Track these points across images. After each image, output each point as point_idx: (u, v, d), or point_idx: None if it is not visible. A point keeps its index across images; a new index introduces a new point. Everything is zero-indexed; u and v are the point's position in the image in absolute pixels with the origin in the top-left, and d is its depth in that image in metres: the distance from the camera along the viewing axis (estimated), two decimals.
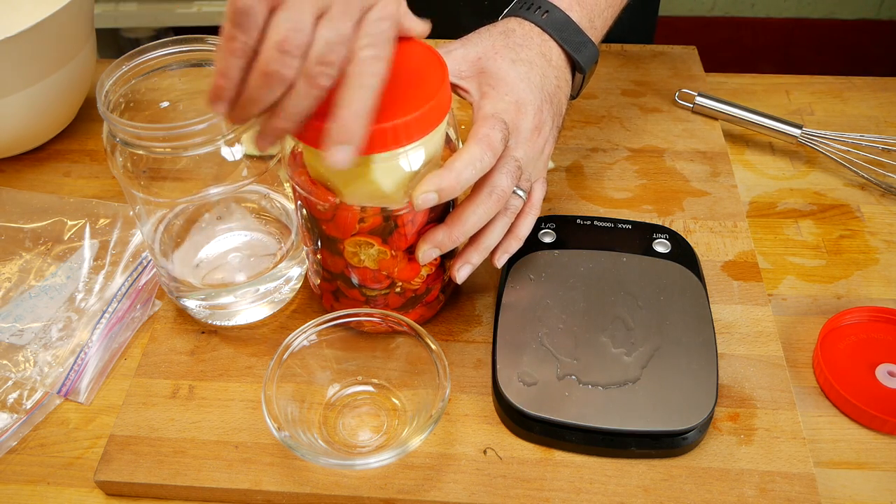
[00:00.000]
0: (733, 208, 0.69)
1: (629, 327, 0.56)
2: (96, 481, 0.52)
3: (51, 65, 0.71)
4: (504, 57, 0.55)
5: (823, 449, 0.54)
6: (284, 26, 0.41)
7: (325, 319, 0.54)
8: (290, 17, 0.41)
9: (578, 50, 0.58)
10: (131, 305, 0.62)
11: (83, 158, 0.78)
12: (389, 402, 0.55)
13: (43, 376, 0.58)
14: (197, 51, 0.55)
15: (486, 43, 0.57)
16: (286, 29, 0.41)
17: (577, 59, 0.58)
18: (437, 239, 0.52)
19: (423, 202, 0.48)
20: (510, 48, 0.56)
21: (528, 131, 0.54)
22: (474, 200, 0.51)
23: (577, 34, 0.58)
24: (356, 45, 0.43)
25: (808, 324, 0.61)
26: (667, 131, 0.77)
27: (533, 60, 0.56)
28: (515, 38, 0.57)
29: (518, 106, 0.54)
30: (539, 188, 0.58)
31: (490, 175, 0.51)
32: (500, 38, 0.57)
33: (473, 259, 0.55)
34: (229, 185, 0.54)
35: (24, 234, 0.68)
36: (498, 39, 0.57)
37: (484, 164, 0.49)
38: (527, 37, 0.57)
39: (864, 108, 0.81)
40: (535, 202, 0.57)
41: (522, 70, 0.55)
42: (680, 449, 0.51)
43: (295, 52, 0.42)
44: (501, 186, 0.51)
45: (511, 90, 0.54)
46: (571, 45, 0.58)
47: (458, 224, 0.51)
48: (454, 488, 0.51)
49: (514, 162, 0.52)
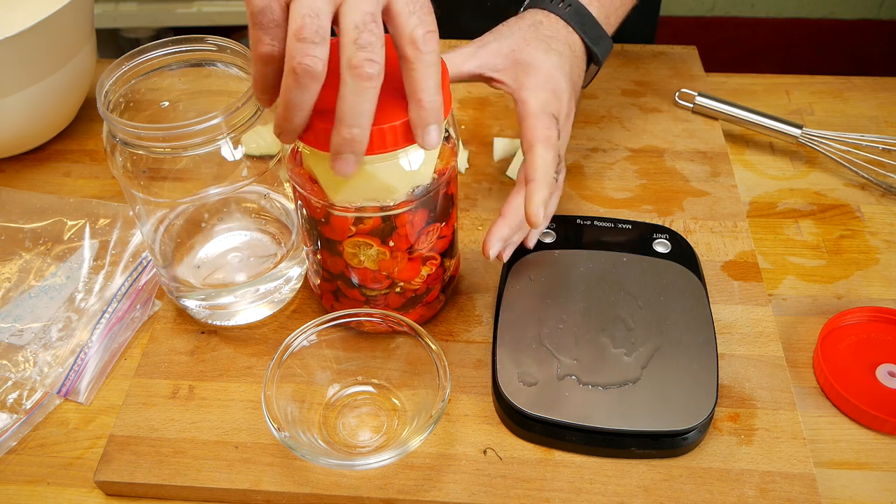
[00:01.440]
0: (733, 208, 0.69)
1: (629, 327, 0.56)
2: (96, 481, 0.52)
3: (51, 65, 0.71)
4: (537, 48, 0.58)
5: (824, 449, 0.54)
6: (300, 14, 0.40)
7: (325, 319, 0.54)
8: (304, 4, 0.41)
9: (597, 43, 0.61)
10: (131, 305, 0.62)
11: (83, 158, 0.78)
12: (389, 403, 0.55)
13: (43, 376, 0.58)
14: (197, 51, 0.55)
15: (517, 35, 0.59)
16: (301, 16, 0.40)
17: (595, 52, 0.61)
18: (503, 233, 0.55)
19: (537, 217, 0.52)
20: (541, 40, 0.58)
21: (563, 117, 0.57)
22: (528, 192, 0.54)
23: (596, 28, 0.61)
24: (407, 28, 0.43)
25: (809, 324, 0.61)
26: (667, 131, 0.77)
27: (562, 51, 0.59)
28: (544, 30, 0.59)
29: (556, 95, 0.56)
30: (563, 171, 0.60)
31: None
32: (531, 30, 0.59)
33: (515, 239, 0.57)
34: (229, 185, 0.54)
35: (23, 234, 0.68)
36: (528, 31, 0.59)
37: (555, 162, 0.54)
38: (554, 28, 0.60)
39: (864, 108, 0.81)
40: (560, 184, 0.60)
41: (555, 60, 0.57)
42: (680, 449, 0.51)
43: (314, 38, 0.40)
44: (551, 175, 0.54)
45: (548, 80, 0.56)
46: (591, 38, 0.61)
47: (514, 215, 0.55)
48: (454, 488, 0.51)
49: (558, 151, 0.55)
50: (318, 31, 0.41)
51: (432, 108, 0.45)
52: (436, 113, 0.45)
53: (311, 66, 0.41)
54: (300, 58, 0.41)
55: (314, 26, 0.40)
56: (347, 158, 0.44)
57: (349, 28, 0.41)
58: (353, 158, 0.44)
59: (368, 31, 0.41)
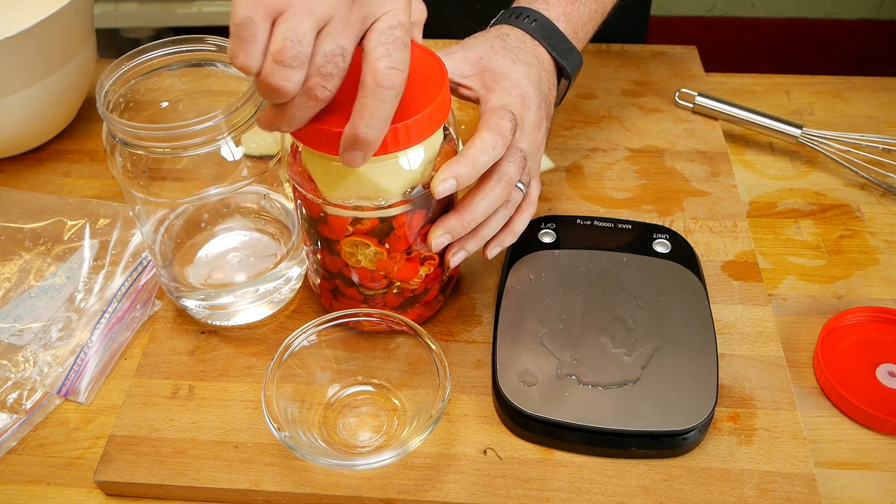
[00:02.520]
0: (733, 208, 0.69)
1: (629, 327, 0.56)
2: (96, 481, 0.52)
3: (51, 65, 0.71)
4: (504, 56, 0.57)
5: (824, 449, 0.54)
6: (282, 37, 0.41)
7: (325, 319, 0.54)
8: (289, 28, 0.41)
9: (566, 57, 0.61)
10: (131, 305, 0.62)
11: (83, 158, 0.78)
12: (389, 403, 0.55)
13: (43, 376, 0.58)
14: (197, 51, 0.55)
15: (484, 45, 0.59)
16: (283, 39, 0.41)
17: (564, 66, 0.61)
18: (448, 225, 0.52)
19: (444, 189, 0.49)
20: (508, 49, 0.58)
21: (531, 125, 0.56)
22: (484, 187, 0.52)
23: (564, 42, 0.61)
24: (372, 56, 0.43)
25: (809, 324, 0.61)
26: (667, 131, 0.77)
27: (530, 62, 0.58)
28: (511, 42, 0.59)
29: (523, 100, 0.55)
30: (535, 185, 0.59)
31: (498, 163, 0.52)
32: (497, 41, 0.59)
33: (469, 246, 0.55)
34: (229, 185, 0.54)
35: (23, 234, 0.68)
36: (495, 42, 0.59)
37: (497, 151, 0.51)
38: (520, 41, 0.59)
39: (864, 108, 0.81)
40: (532, 199, 0.58)
41: (522, 69, 0.57)
42: (680, 449, 0.51)
43: (292, 62, 0.41)
44: (509, 174, 0.52)
45: (515, 85, 0.56)
46: (559, 52, 0.60)
47: (468, 210, 0.52)
48: (454, 488, 0.51)
49: (520, 152, 0.54)
50: (297, 57, 0.41)
51: (365, 138, 0.44)
52: (366, 144, 0.44)
53: (284, 88, 0.42)
54: (274, 80, 0.42)
55: (294, 51, 0.41)
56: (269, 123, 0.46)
57: (318, 55, 0.42)
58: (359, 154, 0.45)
59: (333, 63, 0.43)
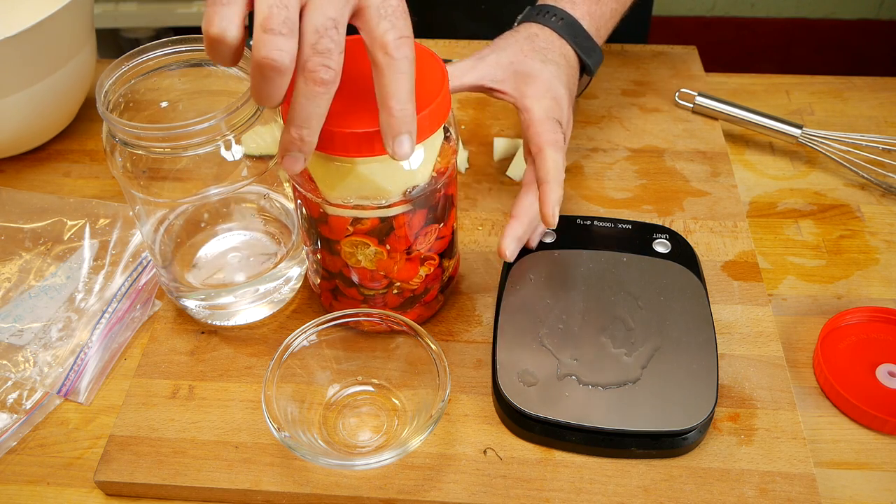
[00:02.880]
0: (733, 208, 0.69)
1: (629, 327, 0.56)
2: (96, 481, 0.52)
3: (51, 65, 0.71)
4: (534, 59, 0.61)
5: (824, 449, 0.54)
6: (267, 3, 0.38)
7: (325, 319, 0.54)
8: None
9: (589, 54, 0.64)
10: (131, 305, 0.62)
11: (83, 158, 0.78)
12: (389, 403, 0.55)
13: (43, 376, 0.58)
14: (197, 51, 0.55)
15: (514, 47, 0.62)
16: (268, 6, 0.38)
17: (587, 63, 0.64)
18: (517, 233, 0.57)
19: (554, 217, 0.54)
20: (537, 51, 0.62)
21: (565, 124, 0.60)
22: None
23: (588, 40, 0.64)
24: (377, 32, 0.41)
25: (809, 324, 0.61)
26: (667, 131, 0.77)
27: (558, 62, 0.62)
28: (540, 42, 0.62)
29: (557, 102, 0.59)
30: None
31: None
32: (527, 42, 0.62)
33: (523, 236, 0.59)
34: (229, 185, 0.54)
35: (23, 234, 0.68)
36: (524, 44, 0.62)
37: (564, 164, 0.56)
38: (548, 40, 0.63)
39: (864, 108, 0.81)
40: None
41: (552, 70, 0.61)
42: (680, 449, 0.51)
43: (282, 29, 0.38)
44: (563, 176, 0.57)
45: (548, 88, 0.60)
46: (584, 50, 0.64)
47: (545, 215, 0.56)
48: (454, 488, 0.51)
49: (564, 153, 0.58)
50: (285, 23, 0.38)
51: (403, 117, 0.42)
52: (407, 122, 0.43)
53: (278, 60, 0.39)
54: (266, 51, 0.39)
55: (282, 16, 0.38)
56: (295, 157, 0.44)
57: (310, 31, 0.40)
58: (301, 157, 0.44)
59: (328, 37, 0.40)
